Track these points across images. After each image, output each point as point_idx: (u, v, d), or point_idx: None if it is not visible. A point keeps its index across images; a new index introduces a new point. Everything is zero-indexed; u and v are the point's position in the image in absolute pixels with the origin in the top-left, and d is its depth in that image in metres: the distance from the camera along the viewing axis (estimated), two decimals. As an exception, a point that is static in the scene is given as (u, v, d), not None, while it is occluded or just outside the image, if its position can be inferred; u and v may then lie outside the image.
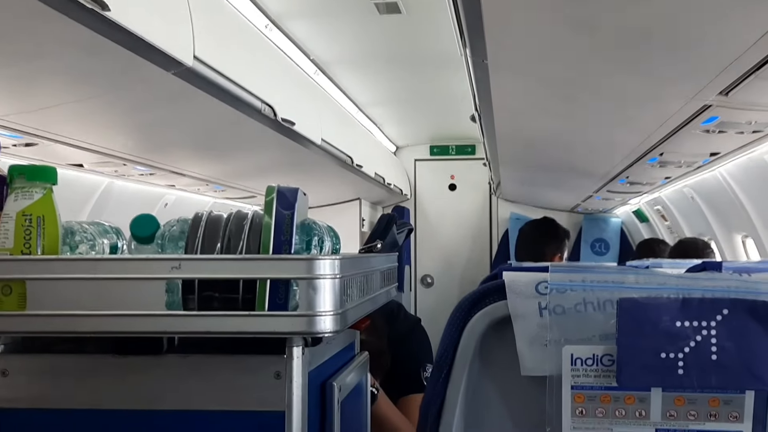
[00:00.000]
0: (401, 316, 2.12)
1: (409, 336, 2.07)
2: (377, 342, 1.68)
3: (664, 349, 0.96)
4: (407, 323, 2.14)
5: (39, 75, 2.06)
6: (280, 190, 1.04)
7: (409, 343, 2.04)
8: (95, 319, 0.96)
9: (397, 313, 2.03)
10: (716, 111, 2.21)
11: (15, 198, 1.02)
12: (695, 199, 4.05)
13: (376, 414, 1.64)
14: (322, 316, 0.95)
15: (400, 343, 1.97)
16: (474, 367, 1.06)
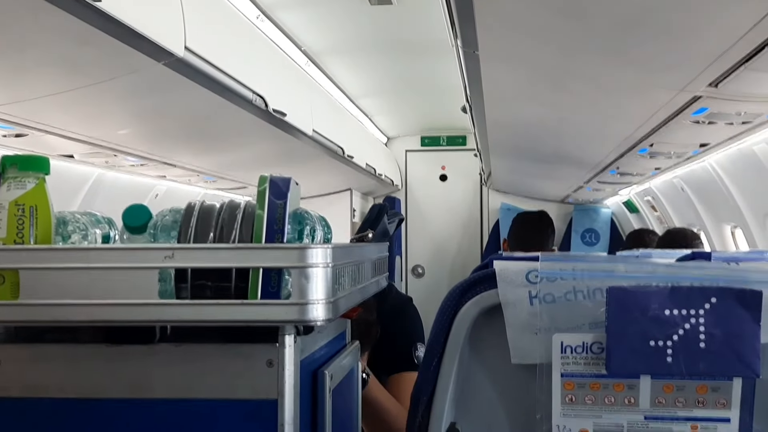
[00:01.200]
0: (393, 293, 2.12)
1: (400, 313, 2.06)
2: (366, 314, 1.68)
3: (653, 336, 0.97)
4: (399, 300, 2.14)
5: (29, 65, 2.05)
6: (273, 179, 1.04)
7: (401, 320, 2.04)
8: (88, 308, 0.97)
9: (388, 290, 2.03)
10: (706, 102, 2.22)
11: (8, 188, 1.02)
12: (685, 189, 4.07)
13: (366, 398, 1.65)
14: (314, 305, 0.96)
15: (391, 320, 1.96)
16: (465, 355, 1.07)
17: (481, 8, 1.75)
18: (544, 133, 3.52)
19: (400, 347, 1.93)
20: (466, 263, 6.47)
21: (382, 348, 1.88)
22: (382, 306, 1.93)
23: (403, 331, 1.96)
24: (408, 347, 1.93)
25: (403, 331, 1.96)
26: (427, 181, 6.93)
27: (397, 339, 1.94)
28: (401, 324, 1.99)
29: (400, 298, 2.15)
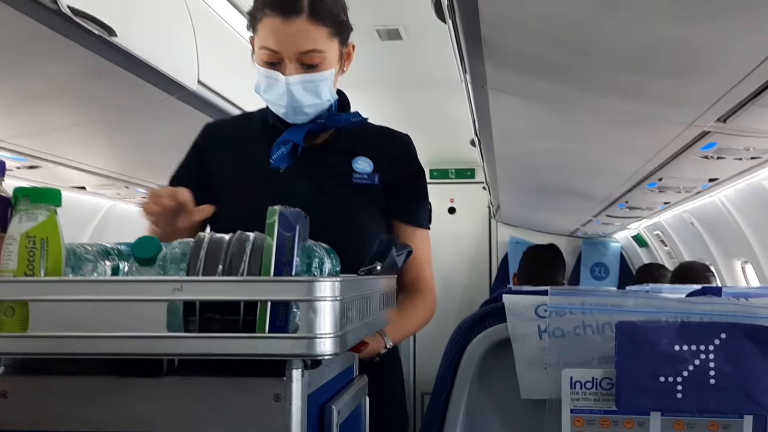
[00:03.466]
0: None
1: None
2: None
3: (663, 372, 0.97)
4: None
5: (44, 98, 2.09)
6: (282, 212, 1.04)
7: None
8: (96, 340, 0.97)
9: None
10: (714, 137, 2.23)
11: (19, 220, 1.03)
12: (695, 224, 4.06)
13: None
14: (322, 339, 0.96)
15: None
16: (474, 390, 1.07)
17: (490, 44, 1.77)
18: (552, 167, 3.53)
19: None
20: (474, 297, 6.44)
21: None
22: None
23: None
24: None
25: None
26: (435, 214, 6.84)
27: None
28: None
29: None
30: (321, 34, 1.51)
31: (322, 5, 1.50)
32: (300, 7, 1.48)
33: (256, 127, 1.67)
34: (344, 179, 1.62)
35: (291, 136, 1.57)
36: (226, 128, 1.72)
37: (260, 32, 1.51)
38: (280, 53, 1.49)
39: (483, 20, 1.61)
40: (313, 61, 1.51)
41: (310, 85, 1.52)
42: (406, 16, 3.15)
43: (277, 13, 1.47)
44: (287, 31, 1.48)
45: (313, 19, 1.49)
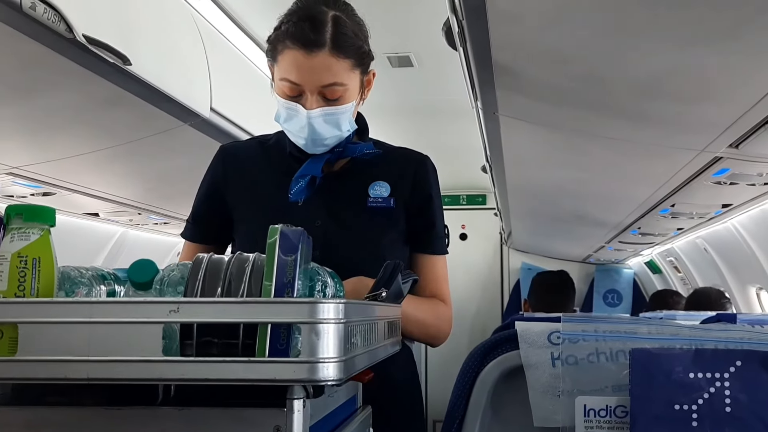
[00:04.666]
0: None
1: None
2: None
3: (678, 400, 0.96)
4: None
5: (59, 126, 2.11)
6: (283, 231, 1.00)
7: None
8: (88, 365, 0.92)
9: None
10: (727, 163, 2.22)
11: (11, 239, 0.99)
12: (708, 250, 4.04)
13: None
14: (325, 363, 0.90)
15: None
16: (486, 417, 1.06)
17: (501, 71, 1.78)
18: (564, 193, 3.52)
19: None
20: (486, 324, 6.40)
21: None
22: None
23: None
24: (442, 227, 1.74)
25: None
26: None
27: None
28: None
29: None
30: (343, 66, 1.48)
31: (344, 38, 1.48)
32: (323, 40, 1.46)
33: (273, 154, 1.66)
34: (360, 205, 1.61)
35: (309, 170, 1.55)
36: (241, 153, 1.70)
37: (281, 63, 1.49)
38: (302, 86, 1.48)
39: (494, 48, 1.62)
40: (335, 95, 1.50)
41: (331, 117, 1.51)
42: (417, 43, 3.17)
43: (299, 46, 1.45)
44: (309, 64, 1.46)
45: (336, 52, 1.47)
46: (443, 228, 1.70)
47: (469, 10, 1.45)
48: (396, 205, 1.62)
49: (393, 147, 1.71)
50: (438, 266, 1.67)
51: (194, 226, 1.67)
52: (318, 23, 1.46)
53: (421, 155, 1.72)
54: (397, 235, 1.62)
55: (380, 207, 1.60)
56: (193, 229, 1.67)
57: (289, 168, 1.58)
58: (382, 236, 1.59)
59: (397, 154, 1.70)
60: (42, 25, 1.53)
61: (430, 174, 1.69)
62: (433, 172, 1.70)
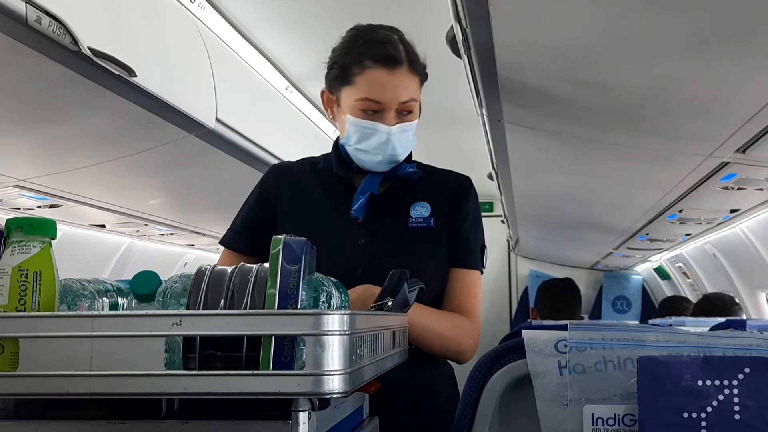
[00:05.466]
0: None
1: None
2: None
3: (686, 408, 0.95)
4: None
5: (65, 138, 2.12)
6: (287, 242, 0.99)
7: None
8: (91, 379, 0.91)
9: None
10: (734, 168, 2.21)
11: (11, 252, 0.97)
12: (717, 256, 4.02)
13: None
14: (330, 376, 0.89)
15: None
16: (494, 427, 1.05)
17: (506, 79, 1.78)
18: (571, 200, 3.51)
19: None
20: (495, 332, 6.35)
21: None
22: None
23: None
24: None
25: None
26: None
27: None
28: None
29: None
30: (415, 83, 1.58)
31: (415, 56, 1.59)
32: (401, 58, 1.55)
33: (323, 175, 1.69)
34: (402, 225, 1.64)
35: (368, 187, 1.60)
36: (292, 172, 1.73)
37: (359, 84, 1.54)
38: (383, 104, 1.53)
39: (498, 55, 1.62)
40: (410, 109, 1.57)
41: (407, 134, 1.58)
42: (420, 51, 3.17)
43: (381, 65, 1.52)
44: (391, 82, 1.53)
45: (411, 69, 1.56)
46: (479, 245, 1.71)
47: (473, 17, 1.45)
48: (437, 226, 1.64)
49: (435, 168, 1.76)
50: (468, 280, 1.68)
51: (238, 236, 1.70)
52: (393, 43, 1.55)
53: (462, 176, 1.76)
54: (439, 255, 1.64)
55: (421, 227, 1.63)
56: (236, 238, 1.70)
57: (336, 188, 1.64)
58: (424, 255, 1.61)
59: (438, 175, 1.74)
60: (47, 38, 1.54)
61: (468, 192, 1.72)
62: (474, 192, 1.74)
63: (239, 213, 1.73)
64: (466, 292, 1.67)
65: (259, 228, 1.65)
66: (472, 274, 1.69)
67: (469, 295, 1.68)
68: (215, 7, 2.47)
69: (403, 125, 1.56)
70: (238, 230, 1.70)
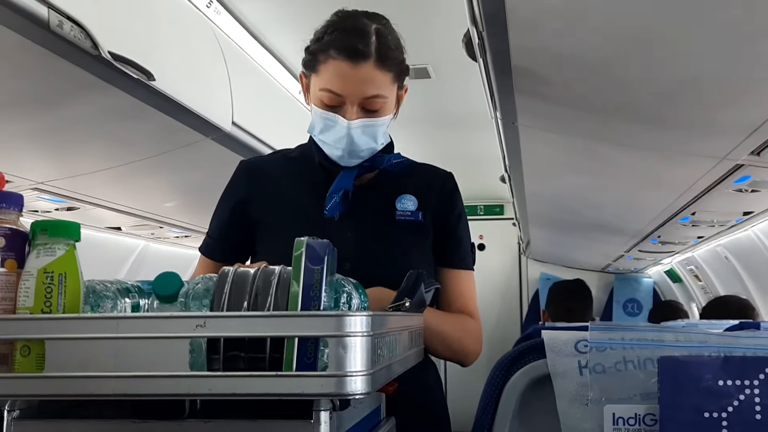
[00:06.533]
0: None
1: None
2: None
3: (707, 408, 0.96)
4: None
5: (83, 141, 2.14)
6: (309, 243, 0.99)
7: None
8: (116, 380, 0.92)
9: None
10: (748, 170, 2.21)
11: (37, 255, 0.99)
12: (729, 258, 4.01)
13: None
14: (353, 377, 0.90)
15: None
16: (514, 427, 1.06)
17: (521, 81, 1.79)
18: (583, 202, 3.51)
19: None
20: (505, 334, 6.37)
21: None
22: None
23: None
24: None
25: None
26: (465, 251, 6.89)
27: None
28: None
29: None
30: (385, 79, 1.49)
31: (388, 51, 1.49)
32: (368, 52, 1.46)
33: (300, 166, 1.65)
34: (388, 218, 1.61)
35: (342, 184, 1.55)
36: (266, 167, 1.68)
37: (322, 73, 1.49)
38: (343, 97, 1.48)
39: (514, 57, 1.63)
40: (375, 106, 1.50)
41: (370, 129, 1.51)
42: (434, 55, 3.19)
43: (344, 57, 1.45)
44: (354, 75, 1.46)
45: (380, 65, 1.47)
46: (469, 243, 1.70)
47: (489, 20, 1.46)
48: (424, 220, 1.62)
49: (417, 162, 1.71)
50: (465, 282, 1.66)
51: (214, 243, 1.65)
52: (363, 35, 1.47)
53: (446, 172, 1.73)
54: (426, 249, 1.62)
55: (408, 220, 1.61)
56: (213, 245, 1.65)
57: (318, 179, 1.58)
58: (412, 249, 1.59)
59: (422, 170, 1.70)
60: (68, 42, 1.56)
61: (456, 191, 1.70)
62: (458, 189, 1.71)
63: (213, 217, 1.68)
64: (466, 294, 1.66)
65: (234, 234, 1.61)
66: (469, 275, 1.68)
67: (469, 296, 1.67)
68: (230, 10, 2.50)
69: (366, 121, 1.49)
70: (214, 237, 1.66)
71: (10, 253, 1.00)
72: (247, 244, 1.62)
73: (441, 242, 1.64)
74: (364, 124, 1.50)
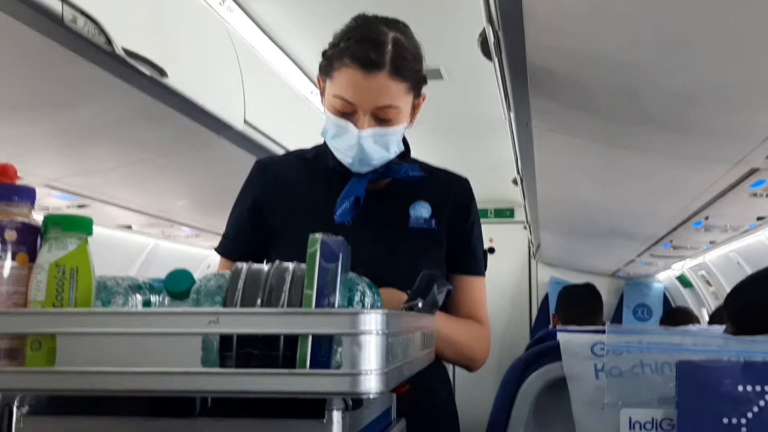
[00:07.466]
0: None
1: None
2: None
3: (726, 413, 0.94)
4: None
5: (95, 138, 2.13)
6: (324, 241, 0.98)
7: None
8: (127, 376, 0.91)
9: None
10: (764, 174, 2.19)
11: (48, 249, 0.97)
12: (741, 264, 3.98)
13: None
14: (367, 375, 0.88)
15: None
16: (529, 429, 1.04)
17: (536, 83, 1.78)
18: (595, 207, 3.49)
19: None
20: (515, 338, 6.35)
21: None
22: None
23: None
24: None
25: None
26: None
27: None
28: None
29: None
30: (399, 89, 1.48)
31: (404, 61, 1.48)
32: (383, 62, 1.45)
33: (314, 169, 1.64)
34: (401, 225, 1.59)
35: (353, 191, 1.53)
36: (281, 168, 1.67)
37: (336, 80, 1.48)
38: (355, 105, 1.47)
39: (530, 58, 1.62)
40: (387, 116, 1.48)
41: (381, 139, 1.50)
42: (447, 57, 3.17)
43: (358, 66, 1.44)
44: (366, 85, 1.45)
45: (394, 75, 1.46)
46: (482, 249, 1.69)
47: (506, 20, 1.44)
48: (438, 227, 1.60)
49: (433, 167, 1.70)
50: (476, 287, 1.65)
51: (231, 243, 1.64)
52: (379, 44, 1.45)
53: (461, 177, 1.71)
54: (438, 256, 1.61)
55: (421, 228, 1.59)
56: (229, 246, 1.65)
57: (331, 183, 1.57)
58: (423, 257, 1.57)
59: (437, 176, 1.69)
60: (82, 38, 1.55)
61: (471, 198, 1.68)
62: (473, 196, 1.70)
63: (230, 217, 1.68)
64: (476, 300, 1.64)
65: (250, 233, 1.61)
66: (480, 281, 1.67)
67: (480, 302, 1.65)
68: (243, 9, 2.49)
69: (377, 130, 1.48)
70: (230, 238, 1.65)
71: (22, 246, 0.99)
72: (262, 245, 1.61)
73: (454, 249, 1.63)
74: (376, 134, 1.49)
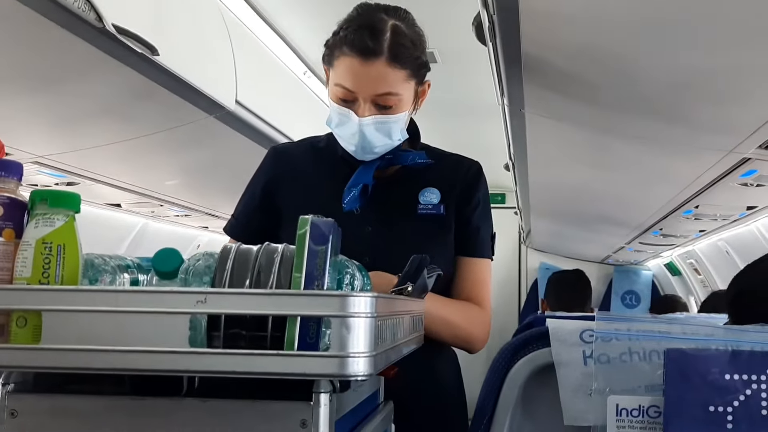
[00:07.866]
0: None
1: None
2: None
3: (713, 402, 0.94)
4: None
5: (85, 115, 2.12)
6: (314, 222, 0.98)
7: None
8: (113, 354, 0.90)
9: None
10: (755, 164, 2.20)
11: (35, 225, 0.96)
12: (730, 253, 4.00)
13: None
14: (355, 358, 0.88)
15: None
16: (516, 415, 1.05)
17: (530, 68, 1.77)
18: (586, 193, 3.50)
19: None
20: (503, 324, 6.35)
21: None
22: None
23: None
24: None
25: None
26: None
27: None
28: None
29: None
30: (399, 76, 1.48)
31: (402, 48, 1.48)
32: (380, 50, 1.46)
33: (325, 157, 1.65)
34: (410, 211, 1.60)
35: (360, 179, 1.55)
36: (294, 154, 1.69)
37: (337, 69, 1.49)
38: (355, 93, 1.48)
39: (524, 43, 1.61)
40: (388, 103, 1.49)
41: (383, 126, 1.51)
42: (441, 40, 3.16)
43: (355, 54, 1.45)
44: (365, 72, 1.46)
45: (392, 62, 1.47)
46: (489, 233, 1.69)
47: (501, 4, 1.44)
48: (446, 213, 1.61)
49: (444, 153, 1.70)
50: (479, 269, 1.65)
51: (241, 225, 1.66)
52: (376, 32, 1.46)
53: (472, 161, 1.72)
54: (447, 242, 1.62)
55: (430, 214, 1.60)
56: (238, 227, 1.66)
57: (340, 172, 1.58)
58: (432, 243, 1.58)
59: (448, 161, 1.69)
60: (71, 13, 1.53)
61: (481, 180, 1.69)
62: (483, 178, 1.71)
63: (241, 199, 1.69)
64: (476, 281, 1.65)
65: (260, 216, 1.62)
66: (483, 263, 1.67)
67: (480, 284, 1.66)
68: (236, -12, 2.47)
69: (378, 117, 1.49)
70: (240, 219, 1.67)
71: (9, 222, 0.98)
72: (271, 229, 1.61)
73: (458, 230, 1.63)
74: (377, 121, 1.50)
